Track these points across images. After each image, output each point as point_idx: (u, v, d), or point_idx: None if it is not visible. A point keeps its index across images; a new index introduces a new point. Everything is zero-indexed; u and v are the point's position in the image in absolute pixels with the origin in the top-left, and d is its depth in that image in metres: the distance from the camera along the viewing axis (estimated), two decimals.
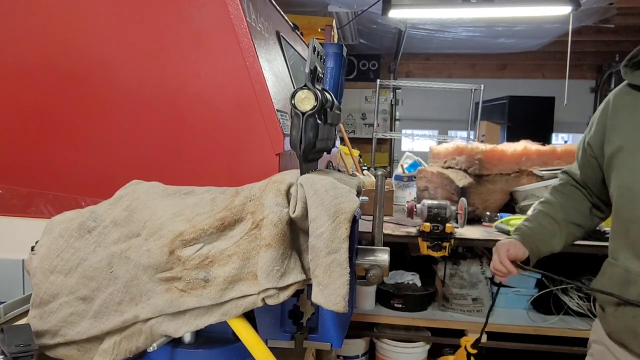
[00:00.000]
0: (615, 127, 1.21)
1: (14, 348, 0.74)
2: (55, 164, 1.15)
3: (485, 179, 2.56)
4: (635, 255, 1.15)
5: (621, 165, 1.18)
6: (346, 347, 2.61)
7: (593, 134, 1.28)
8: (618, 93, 1.26)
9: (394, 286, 2.61)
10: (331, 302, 0.78)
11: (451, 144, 2.84)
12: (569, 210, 1.37)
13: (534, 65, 6.71)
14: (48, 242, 0.89)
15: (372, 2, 4.00)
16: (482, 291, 2.47)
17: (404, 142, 7.16)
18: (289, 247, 0.84)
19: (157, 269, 0.84)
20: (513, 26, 4.93)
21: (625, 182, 1.17)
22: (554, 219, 1.37)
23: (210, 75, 1.08)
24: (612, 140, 1.21)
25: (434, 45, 6.01)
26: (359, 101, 7.01)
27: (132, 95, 1.11)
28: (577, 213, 1.37)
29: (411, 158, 3.48)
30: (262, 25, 1.25)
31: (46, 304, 0.88)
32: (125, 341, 0.88)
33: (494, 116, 5.98)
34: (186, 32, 1.09)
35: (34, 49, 1.13)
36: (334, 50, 1.17)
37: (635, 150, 1.15)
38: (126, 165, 1.12)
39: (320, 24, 3.63)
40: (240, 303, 0.83)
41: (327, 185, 0.84)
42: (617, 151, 1.19)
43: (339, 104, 1.12)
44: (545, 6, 3.25)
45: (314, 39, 0.95)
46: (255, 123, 1.06)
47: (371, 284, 1.02)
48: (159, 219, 0.87)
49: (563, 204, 1.38)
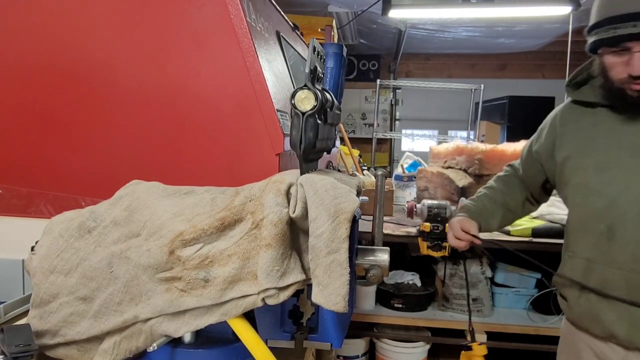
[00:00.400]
0: (564, 137, 1.40)
1: (14, 348, 0.74)
2: (55, 164, 1.15)
3: (485, 179, 2.56)
4: (593, 245, 1.30)
5: (575, 168, 1.35)
6: (346, 347, 2.61)
7: (542, 143, 1.48)
8: (564, 109, 1.45)
9: (394, 286, 2.61)
10: (331, 302, 0.78)
11: (451, 144, 2.84)
12: (507, 197, 1.58)
13: (534, 65, 6.71)
14: (48, 242, 0.89)
15: (372, 2, 4.00)
16: (482, 291, 2.47)
17: (404, 142, 7.15)
18: (289, 247, 0.84)
19: (157, 269, 0.84)
20: (513, 26, 4.93)
21: (580, 181, 1.33)
22: (494, 201, 1.57)
23: (210, 75, 1.08)
24: (563, 148, 1.39)
25: (434, 45, 6.00)
26: (359, 101, 7.01)
27: (132, 95, 1.11)
28: (514, 201, 1.58)
29: (411, 158, 3.48)
30: (262, 25, 1.25)
31: (46, 304, 0.88)
32: (125, 341, 0.88)
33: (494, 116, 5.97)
34: (186, 32, 1.09)
35: (34, 49, 1.13)
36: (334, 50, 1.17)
37: (585, 155, 1.33)
38: (126, 165, 1.12)
39: (320, 24, 3.63)
40: (240, 303, 0.83)
41: (327, 185, 0.84)
42: (569, 157, 1.37)
43: (339, 104, 1.12)
44: (545, 6, 3.24)
45: (314, 39, 0.95)
46: (255, 123, 1.06)
47: (371, 284, 1.02)
48: (159, 219, 0.87)
49: (503, 191, 1.59)
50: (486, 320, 2.44)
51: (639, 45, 1.16)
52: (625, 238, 1.24)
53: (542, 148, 1.47)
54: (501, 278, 2.56)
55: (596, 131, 1.33)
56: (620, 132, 1.28)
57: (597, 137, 1.32)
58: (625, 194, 1.24)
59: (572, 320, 1.42)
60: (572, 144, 1.37)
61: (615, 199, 1.25)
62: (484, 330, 2.40)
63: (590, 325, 1.33)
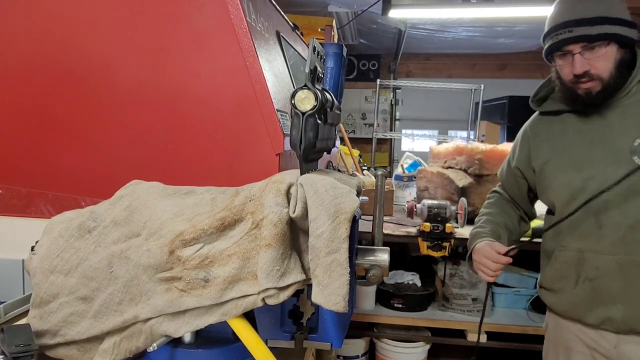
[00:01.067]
0: (538, 147, 1.52)
1: (14, 348, 0.74)
2: (55, 164, 1.15)
3: (485, 179, 2.56)
4: (581, 236, 1.39)
5: (554, 171, 1.46)
6: (346, 347, 2.61)
7: (518, 157, 1.59)
8: (532, 123, 1.59)
9: (394, 286, 2.61)
10: (331, 302, 0.78)
11: (451, 144, 2.83)
12: (505, 219, 1.63)
13: (534, 65, 6.70)
14: (48, 242, 0.89)
15: (372, 2, 3.99)
16: (482, 291, 2.47)
17: (404, 142, 7.15)
18: (289, 247, 0.84)
19: (157, 269, 0.84)
20: (513, 26, 4.93)
21: (562, 182, 1.43)
22: (498, 224, 1.61)
23: (210, 75, 1.08)
24: (539, 156, 1.51)
25: (434, 45, 6.00)
26: (359, 101, 7.01)
27: (132, 95, 1.11)
28: (511, 221, 1.64)
29: (411, 158, 3.48)
30: (262, 25, 1.25)
31: (46, 304, 0.88)
32: (125, 341, 0.88)
33: (494, 116, 5.96)
34: (186, 32, 1.09)
35: (34, 49, 1.13)
36: (334, 50, 1.17)
37: (561, 157, 1.45)
38: (126, 165, 1.12)
39: (320, 24, 3.63)
40: (240, 303, 0.83)
41: (327, 185, 0.84)
42: (546, 162, 1.48)
43: (339, 104, 1.12)
44: (545, 6, 3.24)
45: (314, 39, 0.95)
46: (255, 123, 1.06)
47: (371, 284, 1.02)
48: (159, 219, 0.87)
49: (500, 213, 1.65)
50: (486, 320, 2.44)
51: (577, 47, 1.33)
52: (613, 225, 1.34)
53: (519, 162, 1.58)
54: (501, 278, 2.56)
55: (566, 135, 1.45)
56: (588, 132, 1.41)
57: (568, 140, 1.45)
58: (607, 185, 1.30)
59: (561, 313, 1.49)
60: (547, 151, 1.49)
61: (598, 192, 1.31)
62: (484, 330, 2.41)
63: (585, 314, 1.40)
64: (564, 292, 1.44)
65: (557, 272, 1.45)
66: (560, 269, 1.44)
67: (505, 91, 6.03)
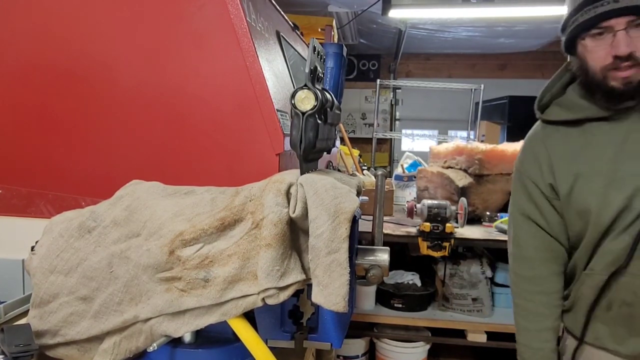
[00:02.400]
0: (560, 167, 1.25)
1: (14, 348, 0.74)
2: (55, 164, 1.15)
3: (485, 179, 2.56)
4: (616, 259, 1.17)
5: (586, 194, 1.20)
6: (346, 347, 2.61)
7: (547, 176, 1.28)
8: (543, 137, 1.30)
9: (394, 286, 2.61)
10: (331, 302, 0.78)
11: (451, 144, 2.83)
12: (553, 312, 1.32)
13: (534, 65, 6.70)
14: (48, 242, 0.89)
15: (372, 2, 4.00)
16: (482, 291, 2.47)
17: (404, 142, 7.15)
18: (289, 247, 0.84)
19: (157, 269, 0.84)
20: (513, 26, 4.93)
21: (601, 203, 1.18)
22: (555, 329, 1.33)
23: (210, 75, 1.08)
24: (562, 178, 1.24)
25: (434, 45, 6.00)
26: (359, 101, 7.01)
27: (132, 95, 1.11)
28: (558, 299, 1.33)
29: (411, 158, 3.48)
30: (262, 25, 1.25)
31: (46, 304, 0.88)
32: (125, 341, 0.88)
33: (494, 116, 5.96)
34: (186, 32, 1.09)
35: (34, 49, 1.13)
36: (334, 50, 1.17)
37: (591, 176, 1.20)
38: (126, 165, 1.12)
39: (320, 24, 3.63)
40: (240, 303, 0.83)
41: (327, 185, 0.84)
42: (573, 184, 1.22)
43: (339, 104, 1.12)
44: (545, 6, 3.25)
45: (314, 39, 0.95)
46: (255, 123, 1.06)
47: (371, 284, 1.02)
48: (159, 219, 0.87)
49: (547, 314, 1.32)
50: (486, 320, 2.44)
51: (622, 22, 1.08)
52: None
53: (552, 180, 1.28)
54: (501, 278, 2.56)
55: (594, 148, 1.21)
56: (621, 142, 1.18)
57: (598, 154, 1.20)
58: None
59: (590, 341, 1.27)
60: (572, 170, 1.23)
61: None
62: (484, 330, 2.41)
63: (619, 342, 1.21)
64: (596, 317, 1.24)
65: (585, 294, 1.25)
66: (587, 292, 1.24)
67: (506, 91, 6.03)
